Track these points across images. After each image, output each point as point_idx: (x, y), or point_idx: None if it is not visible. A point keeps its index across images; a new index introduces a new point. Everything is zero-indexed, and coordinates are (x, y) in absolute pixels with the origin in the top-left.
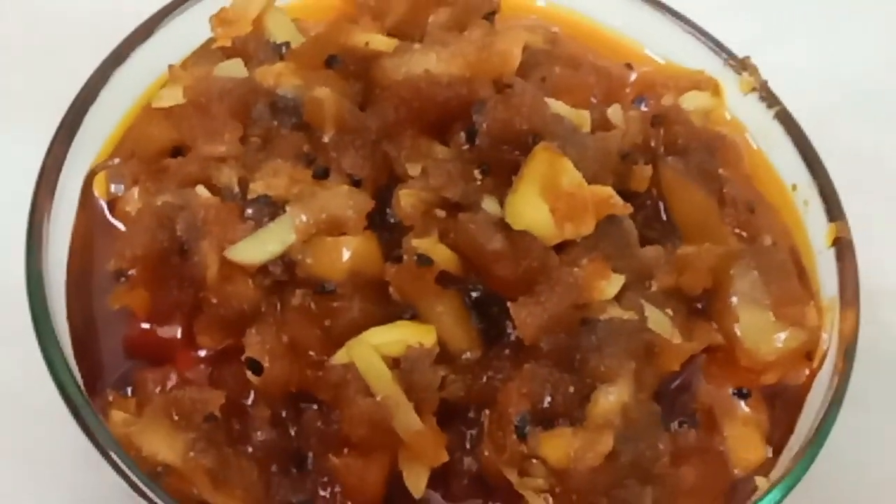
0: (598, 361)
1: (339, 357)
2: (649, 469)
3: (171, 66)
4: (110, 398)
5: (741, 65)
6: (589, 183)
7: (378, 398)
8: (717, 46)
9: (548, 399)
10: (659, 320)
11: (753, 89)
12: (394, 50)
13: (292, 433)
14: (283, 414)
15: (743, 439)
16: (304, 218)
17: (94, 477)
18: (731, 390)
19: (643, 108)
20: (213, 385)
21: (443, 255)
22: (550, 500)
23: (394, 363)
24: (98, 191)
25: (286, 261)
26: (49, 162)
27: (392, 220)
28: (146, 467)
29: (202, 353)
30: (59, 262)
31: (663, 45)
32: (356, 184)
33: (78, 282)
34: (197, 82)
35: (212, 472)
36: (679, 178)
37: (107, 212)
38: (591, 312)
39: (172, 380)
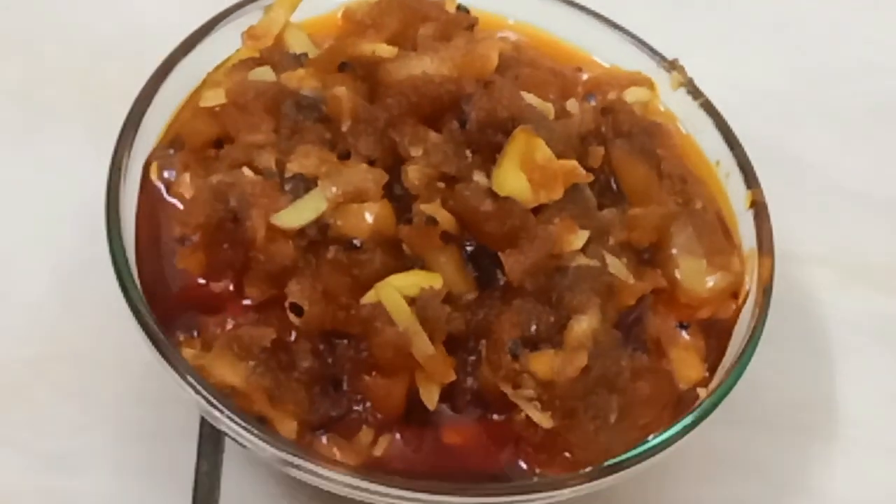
0: (571, 297)
1: (368, 298)
2: (614, 382)
3: (210, 73)
4: (181, 338)
5: (671, 65)
6: (557, 158)
7: (400, 328)
8: (652, 52)
9: (533, 327)
10: (617, 266)
11: (681, 85)
12: (395, 56)
13: (329, 362)
14: (321, 347)
15: (685, 361)
16: (333, 190)
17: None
18: (674, 323)
19: (593, 103)
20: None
21: (444, 217)
22: (538, 405)
23: (410, 302)
24: (154, 176)
25: (320, 225)
26: (118, 152)
27: (400, 192)
28: (217, 390)
29: (249, 303)
30: (129, 234)
31: (608, 53)
32: (371, 163)
33: (145, 249)
34: (236, 85)
35: (269, 391)
36: (626, 156)
37: (164, 192)
38: (563, 261)
39: (229, 324)
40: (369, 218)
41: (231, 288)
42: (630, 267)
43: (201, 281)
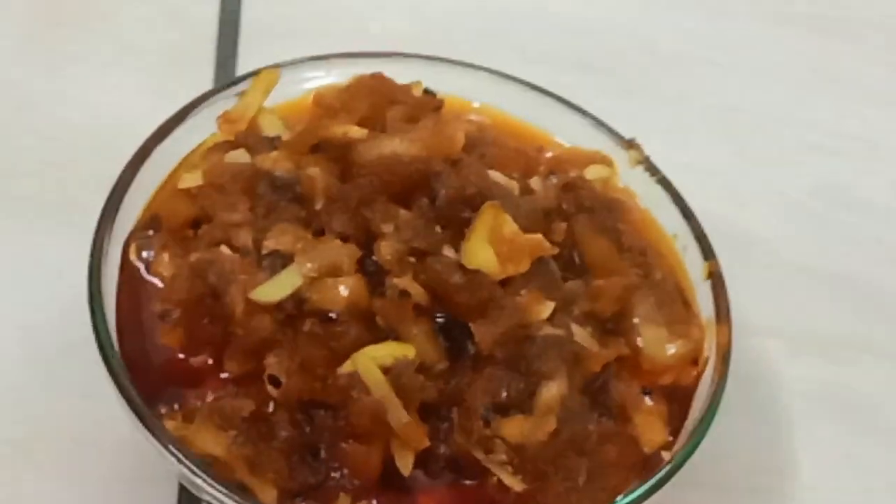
0: (539, 364)
1: (345, 368)
2: (582, 445)
3: (187, 156)
4: (163, 411)
5: (629, 144)
6: (523, 233)
7: (376, 397)
8: (610, 132)
9: (504, 394)
10: (582, 335)
11: (639, 162)
12: (366, 137)
13: (307, 431)
14: (299, 417)
15: (649, 425)
16: (308, 266)
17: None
18: (638, 389)
19: (555, 181)
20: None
21: (416, 291)
22: (510, 469)
23: (385, 371)
24: (133, 257)
25: (296, 299)
26: (99, 234)
27: (373, 268)
28: (199, 459)
29: (228, 376)
30: (110, 313)
31: (568, 133)
32: (345, 240)
33: (126, 326)
34: (212, 167)
35: (249, 460)
36: (587, 231)
37: (144, 272)
38: (531, 330)
39: (209, 397)
40: (344, 291)
41: (210, 362)
42: (594, 335)
43: (181, 356)
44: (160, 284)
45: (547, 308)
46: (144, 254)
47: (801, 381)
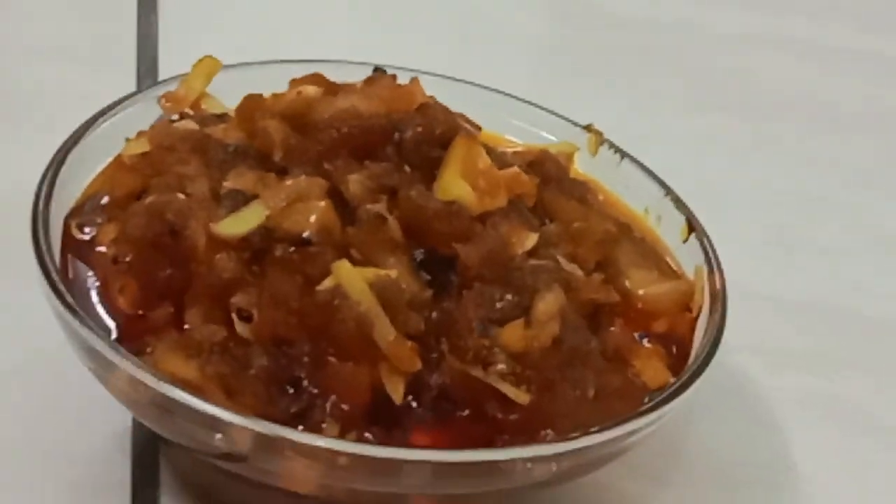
0: (532, 281)
1: (325, 285)
2: (586, 359)
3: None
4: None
5: (587, 128)
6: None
7: (361, 308)
8: (567, 120)
9: (498, 304)
10: (570, 267)
11: (600, 144)
12: (321, 96)
13: (285, 363)
14: (275, 352)
15: (650, 366)
16: (274, 201)
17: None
18: (634, 335)
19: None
20: None
21: (391, 224)
22: (513, 380)
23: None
24: (75, 231)
25: (263, 232)
26: (39, 210)
27: (343, 208)
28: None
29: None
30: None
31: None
32: None
33: (72, 290)
34: (159, 131)
35: (224, 382)
36: (557, 198)
37: (88, 244)
38: (517, 262)
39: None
40: (315, 213)
41: (171, 311)
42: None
43: (139, 313)
44: (106, 251)
45: (531, 239)
46: (88, 229)
47: (783, 390)
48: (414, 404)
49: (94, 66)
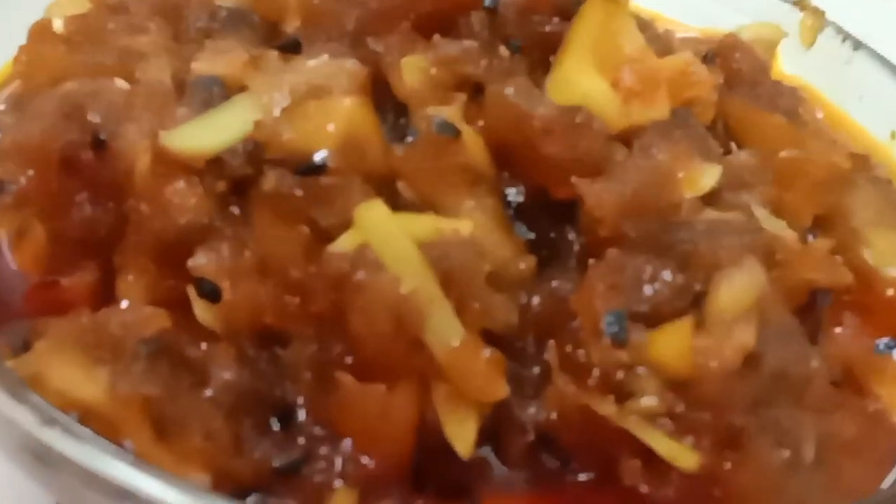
0: (708, 252)
1: (342, 243)
2: (802, 390)
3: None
4: None
5: (800, 4)
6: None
7: (402, 289)
8: None
9: (648, 289)
10: (773, 223)
11: (819, 31)
12: None
13: (267, 373)
14: (251, 353)
15: None
16: (274, 95)
17: None
18: (873, 341)
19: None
20: None
21: (469, 140)
22: (669, 426)
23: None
24: None
25: (248, 147)
26: None
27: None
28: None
29: (127, 304)
30: None
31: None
32: None
33: None
34: None
35: (156, 408)
36: (751, 109)
37: None
38: (683, 214)
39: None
40: (337, 122)
41: (94, 277)
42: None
43: (48, 280)
44: None
45: (708, 174)
46: None
47: None
48: (492, 459)
49: None
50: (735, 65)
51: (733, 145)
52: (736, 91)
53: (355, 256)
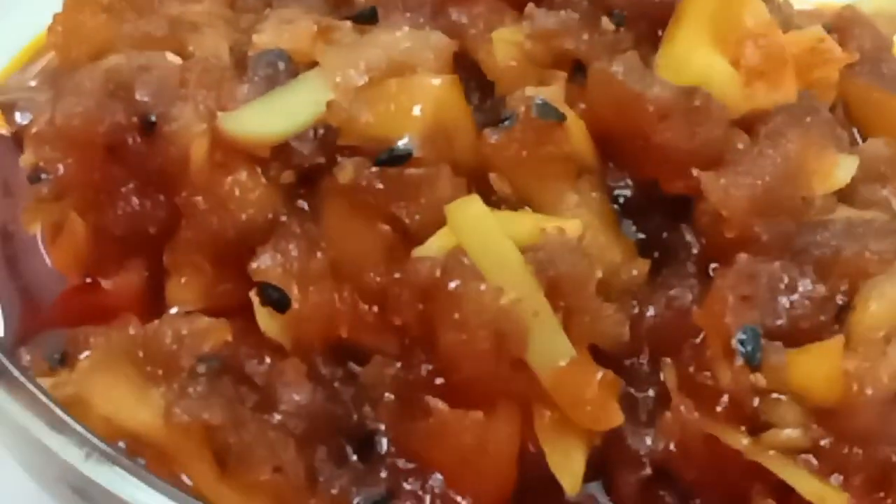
0: (853, 252)
1: (432, 246)
2: None
3: None
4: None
5: None
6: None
7: (503, 300)
8: None
9: (785, 301)
10: None
11: None
12: None
13: (344, 395)
14: (324, 372)
15: None
16: (349, 72)
17: None
18: None
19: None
20: None
21: (573, 125)
22: (813, 463)
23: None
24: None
25: (320, 134)
26: None
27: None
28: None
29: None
30: None
31: None
32: None
33: None
34: None
35: (217, 439)
36: (875, 90)
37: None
38: (816, 212)
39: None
40: (423, 104)
41: (145, 276)
42: None
43: (87, 281)
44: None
45: (844, 166)
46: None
47: None
48: (601, 497)
49: None
50: (854, 41)
51: (856, 134)
52: (856, 71)
53: (448, 262)
